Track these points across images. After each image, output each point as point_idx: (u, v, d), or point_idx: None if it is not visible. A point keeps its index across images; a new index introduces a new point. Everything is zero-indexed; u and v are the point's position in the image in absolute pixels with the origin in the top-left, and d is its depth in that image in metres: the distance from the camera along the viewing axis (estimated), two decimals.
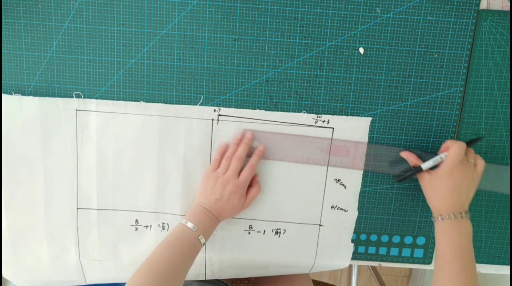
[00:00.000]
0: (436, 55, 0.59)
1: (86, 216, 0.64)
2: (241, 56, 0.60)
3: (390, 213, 0.65)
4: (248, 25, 0.59)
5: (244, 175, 0.60)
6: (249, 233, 0.65)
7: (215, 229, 0.61)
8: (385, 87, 0.61)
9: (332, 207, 0.64)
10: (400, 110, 0.61)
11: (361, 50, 0.59)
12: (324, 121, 0.61)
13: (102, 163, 0.63)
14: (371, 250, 0.67)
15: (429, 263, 0.68)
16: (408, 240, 0.66)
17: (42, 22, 0.59)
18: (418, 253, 0.67)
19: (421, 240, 0.67)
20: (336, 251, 0.66)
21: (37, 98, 0.60)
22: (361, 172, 0.63)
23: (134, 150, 0.62)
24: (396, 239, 0.66)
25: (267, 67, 0.60)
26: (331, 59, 0.60)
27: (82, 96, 0.61)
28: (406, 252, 0.67)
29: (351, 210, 0.64)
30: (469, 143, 0.59)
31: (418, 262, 0.68)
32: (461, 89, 0.60)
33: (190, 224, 0.57)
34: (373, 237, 0.66)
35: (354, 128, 0.61)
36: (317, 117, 0.61)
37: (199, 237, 0.57)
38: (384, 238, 0.66)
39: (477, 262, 0.66)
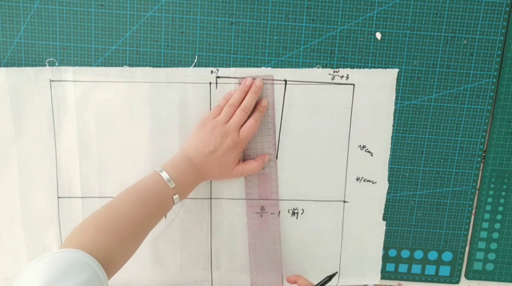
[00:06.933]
0: (465, 41, 0.55)
1: (69, 207, 0.59)
2: (238, 42, 0.55)
3: (412, 224, 0.60)
4: (247, 6, 0.54)
5: (245, 132, 0.53)
6: (261, 215, 0.59)
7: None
8: (405, 78, 0.56)
9: (357, 179, 0.59)
10: (423, 105, 0.57)
11: (378, 35, 0.55)
12: (342, 76, 0.55)
13: (85, 142, 0.57)
14: (390, 267, 0.62)
15: (457, 282, 0.62)
16: (433, 255, 0.62)
17: (8, 2, 0.54)
18: (444, 270, 0.62)
19: (447, 256, 0.62)
20: (366, 231, 0.60)
21: (3, 68, 0.55)
22: (390, 135, 0.57)
23: (121, 125, 0.57)
24: (418, 254, 0.61)
25: (268, 55, 0.55)
26: (343, 46, 0.55)
27: (57, 64, 0.55)
28: (430, 269, 0.62)
29: (380, 181, 0.59)
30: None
31: (444, 281, 0.62)
32: (494, 80, 0.56)
33: (166, 176, 0.50)
34: (392, 252, 0.61)
35: (379, 83, 0.56)
36: (333, 72, 0.55)
37: (174, 197, 0.50)
38: (405, 254, 0.61)
39: None
